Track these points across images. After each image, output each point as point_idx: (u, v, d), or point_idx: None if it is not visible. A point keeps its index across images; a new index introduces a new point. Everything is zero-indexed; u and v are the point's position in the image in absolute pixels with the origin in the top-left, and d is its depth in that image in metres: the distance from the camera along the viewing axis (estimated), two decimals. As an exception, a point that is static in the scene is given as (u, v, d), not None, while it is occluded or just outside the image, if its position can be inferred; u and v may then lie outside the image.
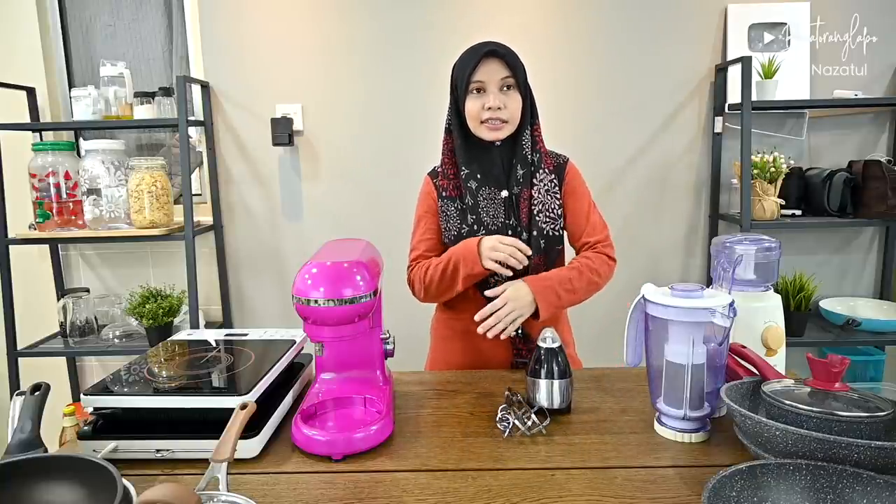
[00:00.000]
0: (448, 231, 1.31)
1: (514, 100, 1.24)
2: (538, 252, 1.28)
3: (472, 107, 1.24)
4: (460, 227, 1.30)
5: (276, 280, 2.47)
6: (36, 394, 0.97)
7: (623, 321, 1.08)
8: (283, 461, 0.94)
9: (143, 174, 2.09)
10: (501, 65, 1.22)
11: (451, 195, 1.31)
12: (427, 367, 1.47)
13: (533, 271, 1.28)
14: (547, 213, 1.29)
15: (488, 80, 1.22)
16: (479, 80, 1.22)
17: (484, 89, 1.23)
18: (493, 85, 1.23)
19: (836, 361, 0.86)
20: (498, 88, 1.23)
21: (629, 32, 2.27)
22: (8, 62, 2.33)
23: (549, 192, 1.29)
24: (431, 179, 1.37)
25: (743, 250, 1.08)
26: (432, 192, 1.35)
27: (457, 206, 1.31)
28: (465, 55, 1.26)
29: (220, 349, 1.18)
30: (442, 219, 1.32)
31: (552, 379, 1.06)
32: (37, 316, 2.42)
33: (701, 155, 2.35)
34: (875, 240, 2.40)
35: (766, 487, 0.73)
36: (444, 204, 1.32)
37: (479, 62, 1.21)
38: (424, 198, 1.37)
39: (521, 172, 1.28)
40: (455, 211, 1.31)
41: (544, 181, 1.29)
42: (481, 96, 1.23)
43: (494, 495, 0.83)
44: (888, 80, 2.28)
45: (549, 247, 1.29)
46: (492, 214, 1.28)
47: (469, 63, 1.23)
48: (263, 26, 2.30)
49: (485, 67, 1.22)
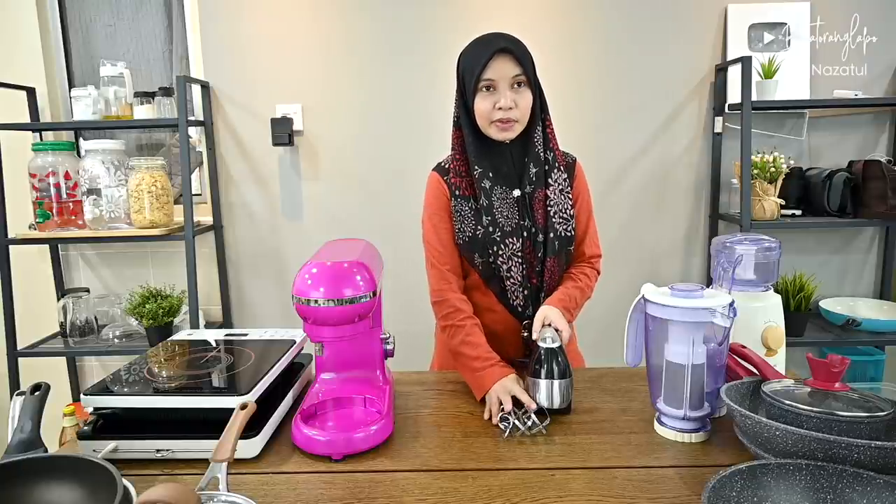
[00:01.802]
0: (462, 232, 1.26)
1: (525, 97, 1.19)
2: (554, 253, 1.25)
3: (483, 106, 1.19)
4: (475, 228, 1.25)
5: (276, 280, 2.47)
6: (36, 394, 0.97)
7: (623, 321, 1.07)
8: (283, 461, 0.94)
9: (143, 174, 2.09)
10: (512, 62, 1.16)
11: (464, 194, 1.26)
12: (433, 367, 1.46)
13: (548, 273, 1.26)
14: (562, 213, 1.25)
15: (499, 78, 1.17)
16: (490, 78, 1.17)
17: (494, 87, 1.18)
18: (503, 83, 1.17)
19: (836, 361, 0.86)
20: (509, 86, 1.18)
21: (629, 32, 2.27)
22: (8, 62, 2.33)
23: (563, 191, 1.26)
24: (441, 177, 1.29)
25: (743, 250, 1.08)
26: (444, 191, 1.28)
27: (471, 205, 1.25)
28: (474, 49, 1.20)
29: (220, 349, 1.18)
30: (456, 219, 1.26)
31: (552, 379, 1.06)
32: (37, 316, 2.42)
33: (701, 155, 2.35)
34: (875, 240, 2.40)
35: (766, 487, 0.73)
36: (458, 203, 1.26)
37: (489, 60, 1.16)
38: (435, 199, 1.29)
39: (534, 171, 1.24)
40: (469, 211, 1.25)
41: (559, 180, 1.26)
42: (492, 94, 1.18)
43: (494, 495, 0.83)
44: (888, 80, 2.28)
45: (562, 248, 1.27)
46: (505, 215, 1.24)
47: (479, 60, 1.17)
48: (263, 26, 2.30)
49: (495, 65, 1.16)
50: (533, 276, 1.26)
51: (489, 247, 1.23)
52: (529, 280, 1.26)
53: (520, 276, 1.25)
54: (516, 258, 1.24)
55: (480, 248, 1.24)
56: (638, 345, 1.07)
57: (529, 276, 1.26)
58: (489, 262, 1.25)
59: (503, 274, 1.24)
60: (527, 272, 1.26)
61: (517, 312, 1.28)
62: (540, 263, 1.26)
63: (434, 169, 1.32)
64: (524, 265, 1.25)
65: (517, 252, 1.24)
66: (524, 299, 1.27)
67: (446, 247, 1.27)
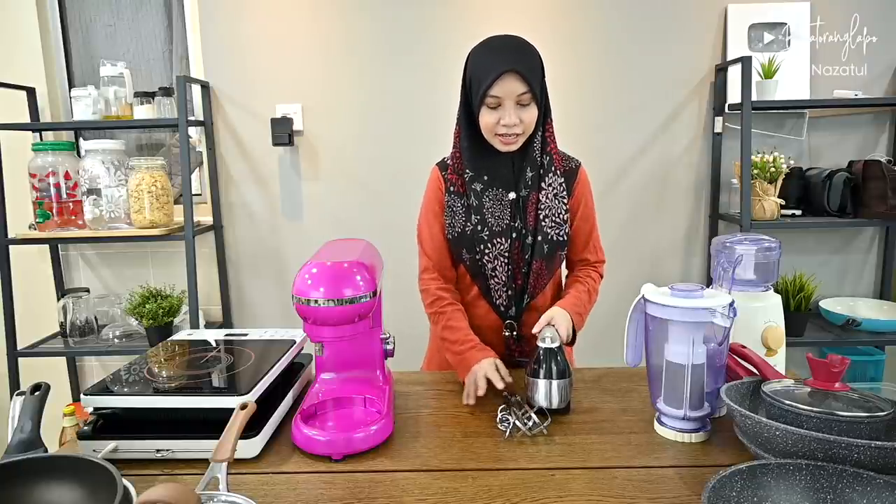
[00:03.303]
0: (452, 227, 1.30)
1: (530, 113, 1.21)
2: (541, 256, 1.27)
3: (487, 120, 1.21)
4: (465, 224, 1.28)
5: (276, 280, 2.47)
6: (36, 394, 0.97)
7: (623, 321, 1.08)
8: (283, 461, 0.94)
9: (143, 174, 2.09)
10: (519, 80, 1.16)
11: (458, 191, 1.30)
12: (424, 366, 1.47)
13: (534, 275, 1.28)
14: (553, 217, 1.27)
15: (505, 96, 1.18)
16: (496, 95, 1.18)
17: (500, 104, 1.19)
18: (509, 100, 1.18)
19: (836, 361, 0.86)
20: (514, 104, 1.19)
21: (629, 32, 2.27)
22: (8, 62, 2.33)
23: (557, 196, 1.28)
24: (440, 171, 1.34)
25: (743, 250, 1.08)
26: (440, 186, 1.32)
27: (463, 203, 1.29)
28: (483, 60, 1.21)
29: (220, 349, 1.18)
30: (447, 213, 1.31)
31: (551, 379, 1.06)
32: (37, 316, 2.42)
33: (701, 155, 2.35)
34: (875, 240, 2.40)
35: (766, 487, 0.73)
36: (451, 199, 1.30)
37: (496, 79, 1.17)
38: (432, 192, 1.34)
39: (529, 175, 1.26)
40: (461, 207, 1.29)
41: (553, 185, 1.27)
42: (497, 111, 1.20)
43: (494, 495, 0.83)
44: (888, 80, 2.28)
45: (552, 252, 1.28)
46: (497, 216, 1.27)
47: (486, 76, 1.18)
48: (263, 26, 2.30)
49: (502, 84, 1.17)
50: (518, 277, 1.29)
51: (476, 245, 1.27)
52: (514, 280, 1.29)
53: (504, 275, 1.28)
54: (502, 258, 1.27)
55: (468, 245, 1.28)
56: (638, 345, 1.07)
57: (515, 276, 1.29)
58: (476, 260, 1.28)
59: (488, 272, 1.28)
60: (512, 272, 1.28)
61: (500, 311, 1.31)
62: (526, 265, 1.28)
63: (437, 163, 1.36)
64: (510, 265, 1.28)
65: (504, 252, 1.27)
66: (507, 299, 1.30)
67: (435, 239, 1.32)
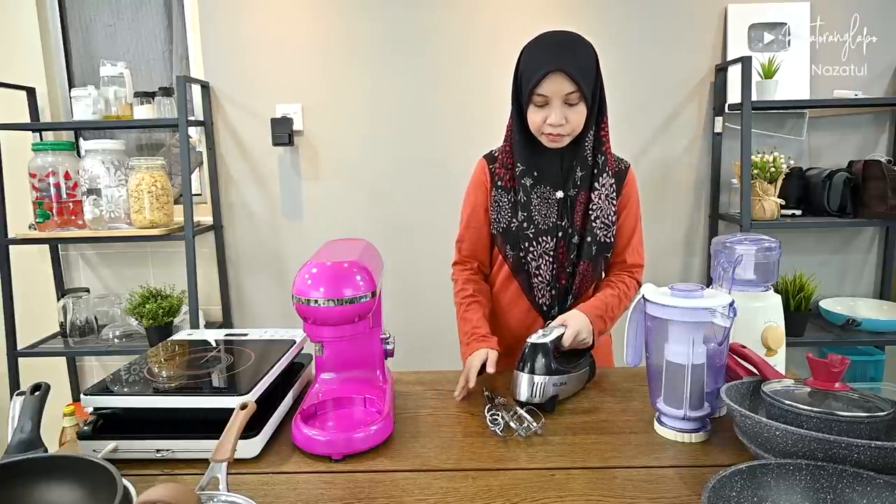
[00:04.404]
0: (498, 222, 1.29)
1: (579, 112, 1.19)
2: (588, 257, 1.26)
3: (535, 118, 1.21)
4: (511, 220, 1.28)
5: (276, 280, 2.47)
6: (36, 394, 0.97)
7: (623, 321, 1.08)
8: (283, 461, 0.94)
9: (143, 174, 2.08)
10: (567, 80, 1.15)
11: (506, 185, 1.29)
12: None
13: (579, 276, 1.27)
14: (603, 219, 1.26)
15: (552, 95, 1.17)
16: (543, 94, 1.17)
17: (547, 103, 1.19)
18: (556, 100, 1.17)
19: (836, 361, 0.86)
20: (562, 102, 1.18)
21: (629, 33, 2.27)
22: (8, 62, 2.33)
23: (608, 197, 1.27)
24: (487, 164, 1.33)
25: (743, 250, 1.07)
26: (486, 180, 1.32)
27: (510, 198, 1.29)
28: (533, 57, 1.20)
29: (220, 349, 1.18)
30: (493, 209, 1.30)
31: (533, 374, 1.07)
32: (37, 316, 2.42)
33: (701, 155, 2.35)
34: (875, 240, 2.40)
35: (766, 487, 0.73)
36: (498, 193, 1.29)
37: (543, 78, 1.16)
38: (477, 186, 1.34)
39: (580, 174, 1.25)
40: (508, 203, 1.29)
41: (605, 186, 1.26)
42: (544, 109, 1.19)
43: (494, 495, 0.83)
44: (888, 80, 2.28)
45: (599, 254, 1.27)
46: (544, 214, 1.26)
47: (534, 73, 1.17)
48: (263, 26, 2.30)
49: (548, 83, 1.16)
50: (563, 277, 1.28)
51: (521, 241, 1.27)
52: (558, 280, 1.28)
53: (548, 274, 1.27)
54: (547, 257, 1.26)
55: (513, 241, 1.28)
56: (638, 345, 1.07)
57: (559, 276, 1.28)
58: (519, 257, 1.28)
59: (531, 270, 1.28)
60: (556, 272, 1.28)
61: (542, 311, 1.30)
62: (572, 265, 1.27)
63: (484, 155, 1.36)
64: (554, 265, 1.27)
65: (549, 251, 1.26)
66: (550, 298, 1.29)
67: (471, 231, 1.35)
